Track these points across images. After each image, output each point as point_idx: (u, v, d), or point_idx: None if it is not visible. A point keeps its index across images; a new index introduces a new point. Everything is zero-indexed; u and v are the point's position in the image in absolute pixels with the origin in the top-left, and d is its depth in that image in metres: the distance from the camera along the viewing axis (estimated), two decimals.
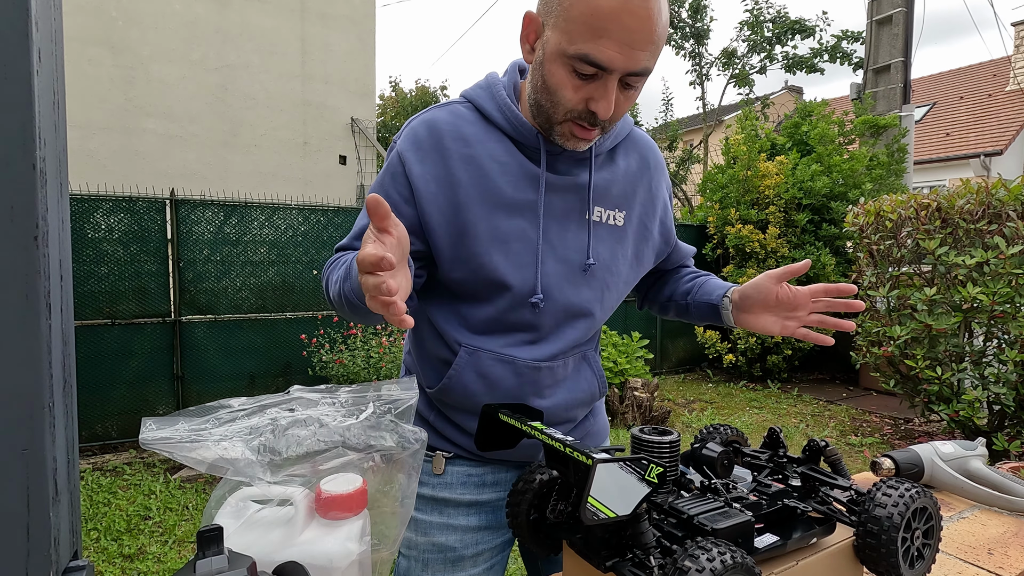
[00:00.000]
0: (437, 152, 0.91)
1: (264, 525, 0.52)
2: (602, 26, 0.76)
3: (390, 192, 0.91)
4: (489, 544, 0.98)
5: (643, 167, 1.05)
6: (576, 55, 0.78)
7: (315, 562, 0.50)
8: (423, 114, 0.94)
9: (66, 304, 0.45)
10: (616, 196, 1.00)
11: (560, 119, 0.86)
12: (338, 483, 0.53)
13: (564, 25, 0.79)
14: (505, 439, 0.73)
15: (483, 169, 0.91)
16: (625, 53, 0.77)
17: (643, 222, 1.05)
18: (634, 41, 0.77)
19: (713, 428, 0.88)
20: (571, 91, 0.82)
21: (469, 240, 0.90)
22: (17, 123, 0.37)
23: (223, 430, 0.51)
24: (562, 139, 0.89)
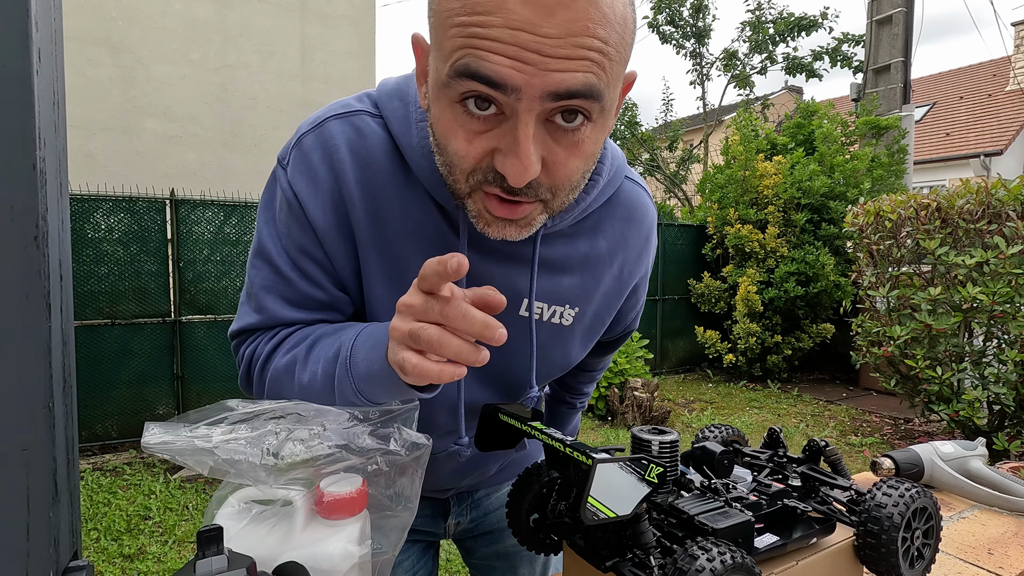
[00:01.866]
0: (338, 192, 0.65)
1: (265, 526, 0.52)
2: (481, 17, 0.48)
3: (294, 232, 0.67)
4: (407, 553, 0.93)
5: (615, 248, 0.76)
6: (453, 73, 0.50)
7: (316, 564, 0.50)
8: (316, 126, 0.67)
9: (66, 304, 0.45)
10: (568, 288, 0.73)
11: (465, 189, 0.57)
12: (339, 484, 0.53)
13: (436, 36, 0.53)
14: (505, 439, 0.73)
15: (388, 231, 0.66)
16: (529, 60, 0.48)
17: (599, 317, 0.80)
18: (542, 37, 0.47)
19: (713, 428, 0.88)
20: (464, 140, 0.54)
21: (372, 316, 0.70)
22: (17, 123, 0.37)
23: (225, 434, 0.51)
24: (480, 223, 0.60)
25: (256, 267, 0.70)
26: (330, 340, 0.64)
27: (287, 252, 0.68)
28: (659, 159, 11.77)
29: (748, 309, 6.24)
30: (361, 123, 0.67)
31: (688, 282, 7.12)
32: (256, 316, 0.70)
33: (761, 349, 6.41)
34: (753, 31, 11.04)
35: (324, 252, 0.67)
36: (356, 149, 0.66)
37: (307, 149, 0.67)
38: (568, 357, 0.79)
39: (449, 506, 0.97)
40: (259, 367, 0.70)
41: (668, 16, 11.08)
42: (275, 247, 0.68)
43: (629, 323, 0.91)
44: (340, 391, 0.61)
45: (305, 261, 0.68)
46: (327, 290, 0.69)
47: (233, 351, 0.76)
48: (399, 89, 0.68)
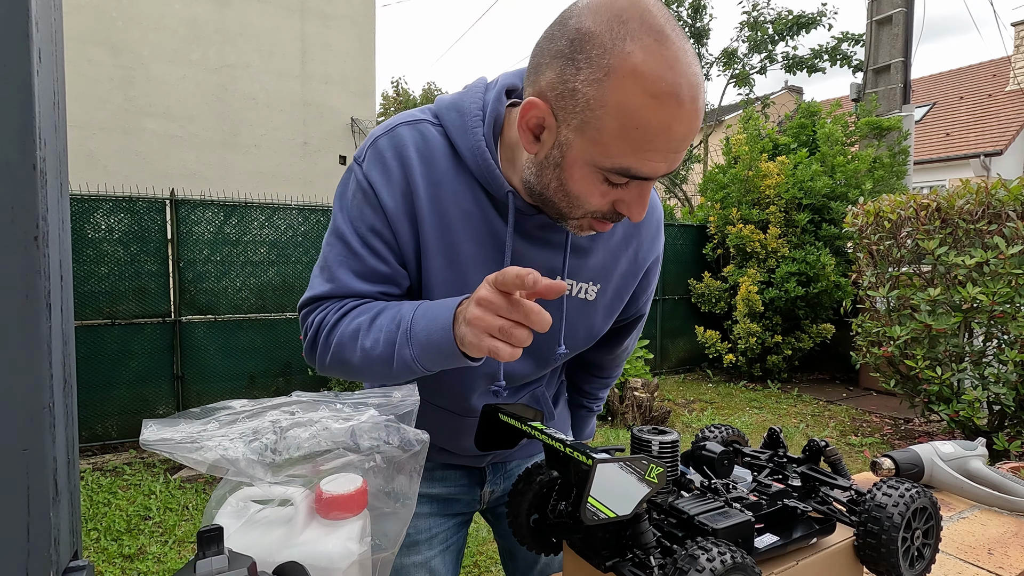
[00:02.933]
0: (404, 183, 0.80)
1: (264, 525, 0.52)
2: (648, 140, 0.64)
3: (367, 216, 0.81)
4: (441, 528, 1.02)
5: (630, 234, 0.92)
6: (613, 169, 0.67)
7: (315, 562, 0.50)
8: (389, 130, 0.82)
9: (66, 304, 0.45)
10: (592, 268, 0.89)
11: (578, 216, 0.75)
12: (338, 483, 0.53)
13: (596, 136, 0.66)
14: (505, 439, 0.73)
15: (446, 217, 0.80)
16: (671, 160, 0.67)
17: (618, 294, 0.94)
18: (682, 146, 0.67)
19: (713, 428, 0.88)
20: (598, 197, 0.71)
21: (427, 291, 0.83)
22: (17, 123, 0.37)
23: (223, 431, 0.51)
24: (576, 230, 0.78)
25: (331, 244, 0.83)
26: (391, 312, 0.77)
27: (358, 232, 0.81)
28: None
29: (748, 309, 6.24)
30: (424, 129, 0.82)
31: (688, 282, 7.12)
32: (328, 285, 0.83)
33: (761, 349, 6.41)
34: (751, 31, 11.03)
35: (391, 231, 0.80)
36: (421, 150, 0.81)
37: (382, 148, 0.81)
38: (592, 329, 0.93)
39: (485, 475, 1.05)
40: (326, 333, 0.81)
41: None
42: (348, 228, 0.82)
43: (640, 306, 1.03)
44: (399, 358, 0.75)
45: (373, 239, 0.81)
46: (390, 264, 0.82)
47: (301, 321, 0.87)
48: (455, 104, 0.83)
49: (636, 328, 1.07)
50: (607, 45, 0.62)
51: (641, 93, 0.61)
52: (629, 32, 0.61)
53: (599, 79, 0.63)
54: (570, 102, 0.66)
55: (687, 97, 0.62)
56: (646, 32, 0.61)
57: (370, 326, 0.77)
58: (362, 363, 0.78)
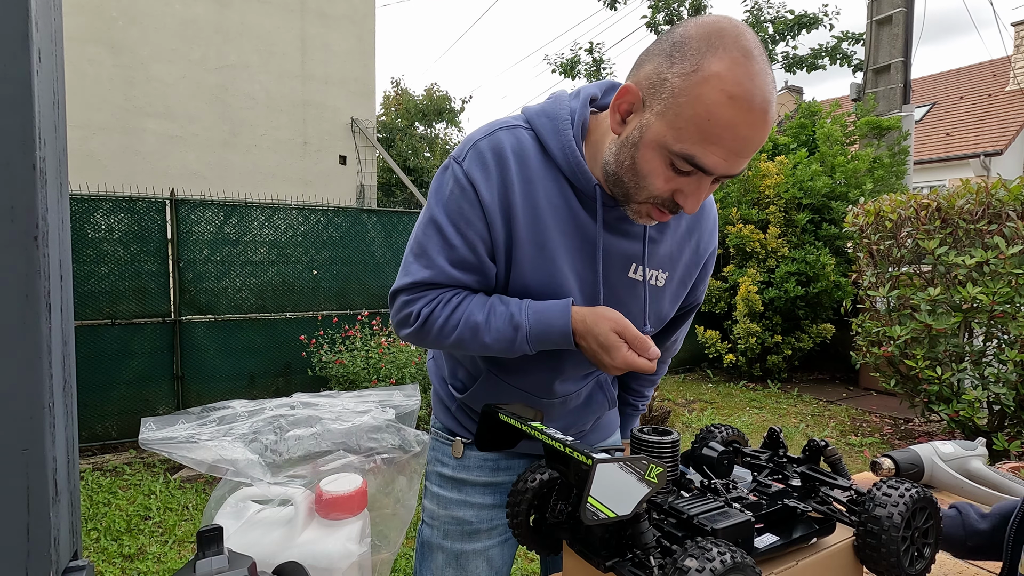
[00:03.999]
0: (501, 180, 0.89)
1: (264, 525, 0.52)
2: (716, 133, 0.73)
3: (464, 210, 0.89)
4: (503, 520, 1.07)
5: (694, 226, 1.03)
6: (680, 153, 0.75)
7: (315, 562, 0.50)
8: (488, 135, 0.91)
9: (66, 304, 0.45)
10: (662, 256, 0.99)
11: (640, 200, 0.84)
12: (338, 484, 0.53)
13: (673, 120, 0.75)
14: (505, 439, 0.73)
15: (538, 210, 0.89)
16: (731, 161, 0.75)
17: (683, 282, 1.05)
18: (744, 150, 0.75)
19: (713, 428, 0.88)
20: (662, 181, 0.80)
21: (517, 279, 0.92)
22: (17, 123, 0.37)
23: (223, 431, 0.51)
24: (635, 216, 0.87)
25: (428, 235, 0.91)
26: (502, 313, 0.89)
27: (455, 224, 0.89)
28: None
29: (748, 309, 6.24)
30: (519, 133, 0.91)
31: None
32: (428, 272, 0.91)
33: (761, 349, 6.41)
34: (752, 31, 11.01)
35: (486, 224, 0.89)
36: (516, 151, 0.90)
37: (482, 149, 0.90)
38: (662, 312, 1.02)
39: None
40: (439, 326, 0.91)
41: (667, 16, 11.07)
42: (445, 220, 0.90)
43: (698, 295, 1.12)
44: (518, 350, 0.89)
45: (469, 231, 0.89)
46: (480, 257, 0.91)
47: (400, 306, 0.94)
48: (545, 111, 0.93)
49: (689, 318, 1.17)
50: (702, 49, 0.72)
51: (720, 91, 0.71)
52: (724, 44, 0.72)
53: (688, 73, 0.73)
54: (659, 89, 0.76)
55: (758, 107, 0.72)
56: (737, 48, 0.72)
57: (487, 325, 0.89)
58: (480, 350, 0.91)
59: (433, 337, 0.93)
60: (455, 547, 1.06)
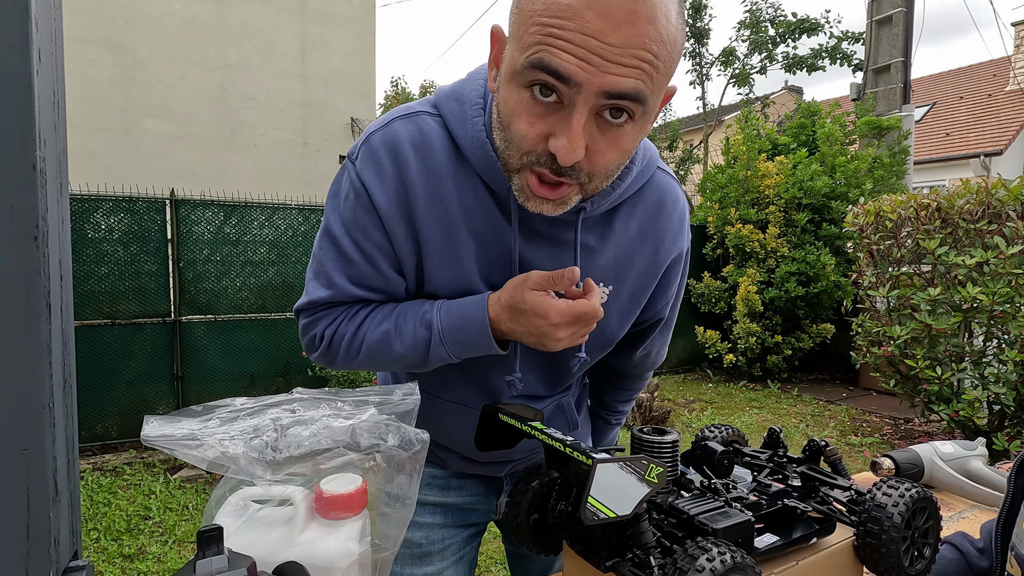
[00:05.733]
0: (400, 182, 0.75)
1: (264, 525, 0.52)
2: (560, 20, 0.56)
3: (360, 219, 0.76)
4: (455, 539, 0.99)
5: (647, 230, 0.84)
6: (527, 64, 0.59)
7: (315, 562, 0.50)
8: (383, 127, 0.77)
9: (66, 304, 0.45)
10: (604, 268, 0.82)
11: (516, 164, 0.66)
12: (338, 483, 0.53)
13: (517, 30, 0.61)
14: (505, 439, 0.73)
15: (448, 214, 0.76)
16: (593, 62, 0.57)
17: (635, 296, 0.87)
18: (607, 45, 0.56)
19: (713, 428, 0.88)
20: (526, 122, 0.62)
21: (432, 294, 0.80)
22: (17, 123, 0.37)
23: (224, 428, 0.51)
24: (521, 196, 0.69)
25: (323, 248, 0.80)
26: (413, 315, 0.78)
27: (351, 236, 0.77)
28: None
29: (748, 309, 6.24)
30: (421, 122, 0.76)
31: (688, 282, 7.11)
32: (327, 291, 0.80)
33: (761, 349, 6.41)
34: (752, 31, 11.03)
35: (386, 234, 0.77)
36: (418, 144, 0.75)
37: (375, 145, 0.76)
38: (605, 331, 0.86)
39: (503, 485, 1.02)
40: (345, 344, 0.80)
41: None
42: (341, 232, 0.78)
43: (659, 309, 0.94)
44: (434, 355, 0.77)
45: (366, 243, 0.77)
46: (383, 272, 0.79)
47: (304, 328, 0.84)
48: (455, 92, 0.78)
49: (654, 334, 0.98)
50: None
51: None
52: None
53: None
54: (512, 11, 0.63)
55: None
56: None
57: (397, 331, 0.78)
58: (394, 362, 0.80)
59: (342, 358, 0.82)
60: (406, 572, 0.95)
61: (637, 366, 1.04)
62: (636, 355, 1.00)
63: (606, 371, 1.08)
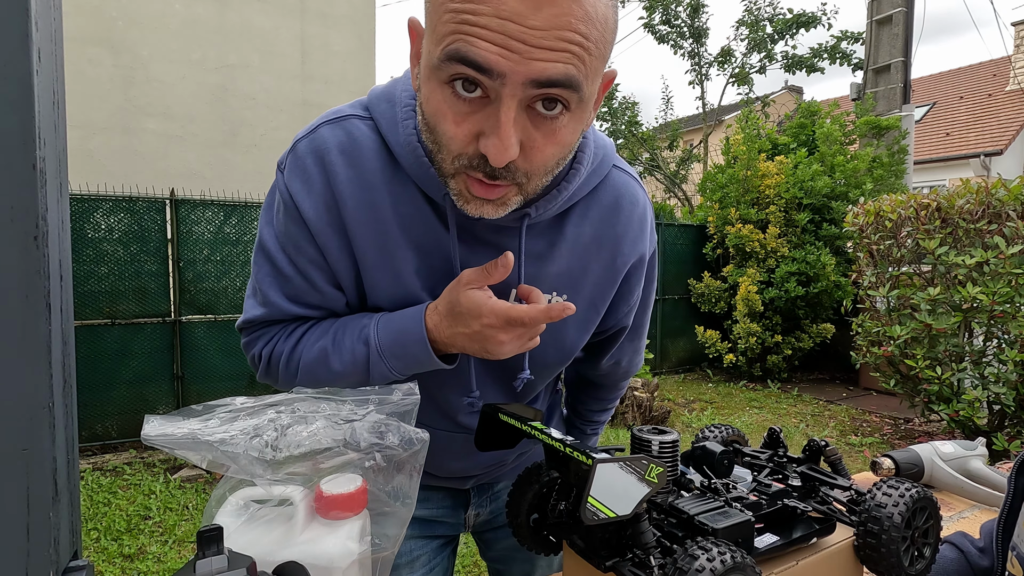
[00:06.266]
0: (328, 191, 0.70)
1: (264, 525, 0.52)
2: (473, 5, 0.51)
3: (291, 232, 0.72)
4: (423, 550, 0.95)
5: (602, 235, 0.78)
6: (443, 56, 0.53)
7: (315, 562, 0.50)
8: (309, 133, 0.72)
9: (66, 304, 0.45)
10: (556, 276, 0.77)
11: (450, 169, 0.61)
12: (338, 483, 0.53)
13: (431, 20, 0.56)
14: (505, 439, 0.73)
15: (383, 224, 0.70)
16: (514, 48, 0.51)
17: (593, 305, 0.81)
18: (528, 29, 0.51)
19: (713, 428, 0.88)
20: (452, 122, 0.57)
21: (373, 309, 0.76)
22: (17, 123, 0.37)
23: (224, 428, 0.51)
24: (459, 200, 0.64)
25: (259, 264, 0.76)
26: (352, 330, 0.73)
27: (284, 251, 0.74)
28: (659, 159, 11.77)
29: (748, 309, 6.24)
30: (351, 127, 0.71)
31: (688, 282, 7.12)
32: (262, 310, 0.76)
33: (761, 349, 6.41)
34: (750, 30, 11.02)
35: (317, 247, 0.72)
36: (347, 151, 0.70)
37: (301, 154, 0.71)
38: (563, 345, 0.82)
39: (469, 497, 0.99)
40: (284, 363, 0.76)
41: (663, 16, 11.06)
42: (274, 246, 0.74)
43: (621, 317, 0.88)
44: (375, 372, 0.72)
45: (300, 258, 0.73)
46: (320, 288, 0.75)
47: (245, 347, 0.81)
48: (387, 92, 0.73)
49: (621, 342, 0.92)
50: None
51: None
52: None
53: None
54: (426, 4, 0.57)
55: None
56: None
57: (335, 347, 0.72)
58: (335, 380, 0.73)
59: (284, 377, 0.77)
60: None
61: (608, 375, 0.99)
62: (604, 364, 0.95)
63: (579, 380, 1.05)
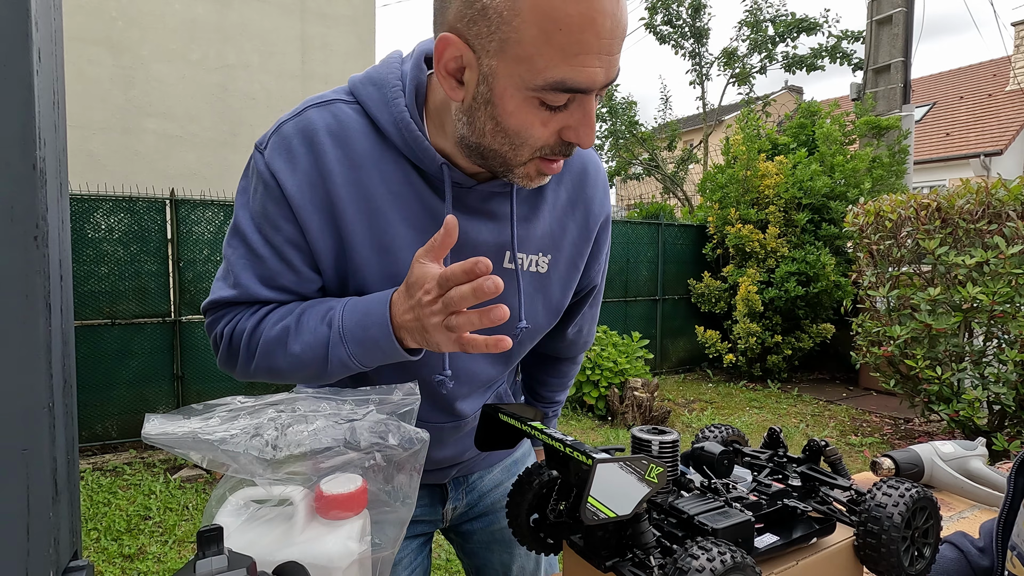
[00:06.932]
0: (315, 169, 0.71)
1: (264, 525, 0.52)
2: (576, 40, 0.57)
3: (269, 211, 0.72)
4: (405, 551, 0.96)
5: (575, 197, 0.86)
6: (548, 85, 0.60)
7: (315, 562, 0.50)
8: (296, 115, 0.74)
9: (66, 304, 0.45)
10: (540, 238, 0.82)
11: (525, 158, 0.67)
12: (338, 483, 0.53)
13: (519, 52, 0.59)
14: (505, 439, 0.73)
15: (373, 201, 0.72)
16: (606, 64, 0.60)
17: (573, 263, 0.88)
18: (613, 45, 0.59)
19: (713, 428, 0.88)
20: (541, 127, 0.64)
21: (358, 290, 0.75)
22: (17, 123, 0.37)
23: (225, 427, 0.51)
24: (524, 180, 0.70)
25: (232, 246, 0.75)
26: (318, 310, 0.72)
27: (260, 231, 0.74)
28: (658, 159, 11.77)
29: (748, 309, 6.24)
30: (337, 110, 0.74)
31: (688, 282, 7.12)
32: (232, 291, 0.75)
33: (761, 349, 6.41)
34: (752, 31, 11.03)
35: (298, 226, 0.72)
36: (334, 131, 0.72)
37: (287, 134, 0.73)
38: (551, 303, 0.87)
39: (447, 492, 1.01)
40: (245, 341, 0.75)
41: (665, 16, 11.07)
42: (250, 227, 0.74)
43: (593, 275, 0.94)
44: (334, 357, 0.70)
45: (277, 238, 0.73)
46: (297, 269, 0.75)
47: (208, 328, 0.80)
48: (371, 78, 0.75)
49: (588, 303, 0.99)
50: None
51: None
52: None
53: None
54: (484, 25, 0.60)
55: None
56: None
57: (297, 327, 0.72)
58: (292, 366, 0.73)
59: (243, 361, 0.75)
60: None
61: (571, 345, 1.04)
62: (569, 332, 1.00)
63: (538, 359, 1.09)
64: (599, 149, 12.14)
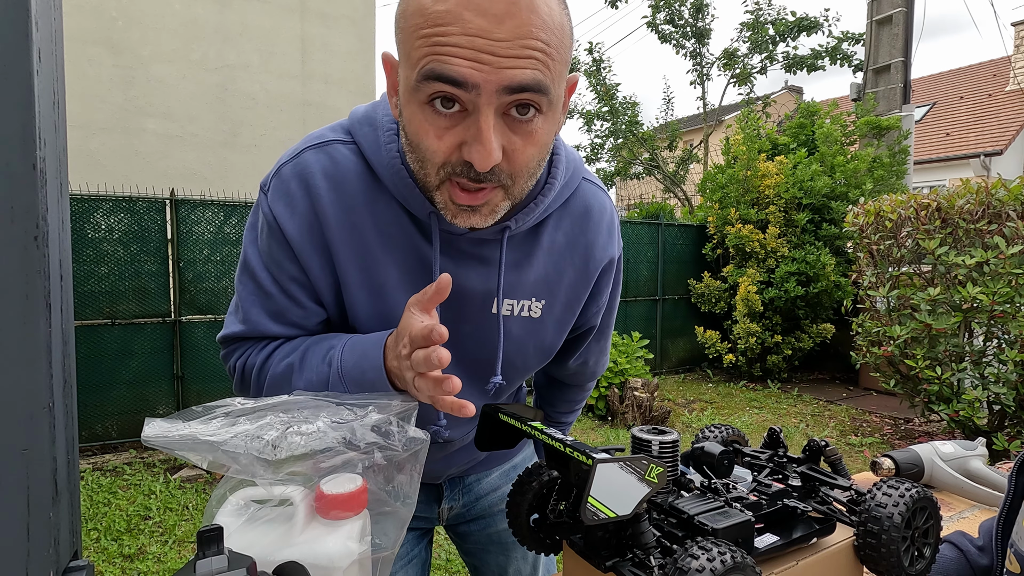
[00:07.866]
0: (312, 213, 0.73)
1: (264, 525, 0.52)
2: (442, 27, 0.56)
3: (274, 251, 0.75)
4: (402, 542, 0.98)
5: (575, 240, 0.83)
6: (420, 77, 0.58)
7: (315, 562, 0.50)
8: (293, 158, 0.75)
9: (66, 304, 0.45)
10: (534, 283, 0.81)
11: (435, 182, 0.65)
12: (338, 483, 0.53)
13: (404, 49, 0.60)
14: (505, 439, 0.73)
15: (365, 243, 0.74)
16: (485, 60, 0.56)
17: (569, 307, 0.86)
18: (494, 41, 0.56)
19: (713, 428, 0.88)
20: (434, 137, 0.61)
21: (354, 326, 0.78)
22: (17, 123, 0.37)
23: (224, 428, 0.51)
24: (447, 213, 0.67)
25: (243, 282, 0.79)
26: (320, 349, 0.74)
27: (268, 269, 0.76)
28: (659, 158, 11.77)
29: (748, 309, 6.24)
30: (334, 151, 0.75)
31: (688, 282, 7.12)
32: (242, 326, 0.79)
33: (761, 349, 6.41)
34: (753, 32, 11.02)
35: (300, 267, 0.75)
36: (330, 174, 0.74)
37: (286, 177, 0.74)
38: (543, 345, 0.86)
39: (442, 491, 1.02)
40: (255, 375, 0.78)
41: (667, 16, 11.07)
42: (258, 265, 0.77)
43: (590, 317, 0.92)
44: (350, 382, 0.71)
45: (283, 277, 0.76)
46: (303, 304, 0.77)
47: (223, 359, 0.84)
48: (368, 116, 0.76)
49: (589, 342, 0.97)
50: None
51: None
52: None
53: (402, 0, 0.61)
54: (397, 35, 0.62)
55: None
56: None
57: (301, 365, 0.74)
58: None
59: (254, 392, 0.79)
60: None
61: (575, 375, 1.04)
62: (572, 363, 0.99)
63: (549, 382, 1.10)
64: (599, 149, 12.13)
